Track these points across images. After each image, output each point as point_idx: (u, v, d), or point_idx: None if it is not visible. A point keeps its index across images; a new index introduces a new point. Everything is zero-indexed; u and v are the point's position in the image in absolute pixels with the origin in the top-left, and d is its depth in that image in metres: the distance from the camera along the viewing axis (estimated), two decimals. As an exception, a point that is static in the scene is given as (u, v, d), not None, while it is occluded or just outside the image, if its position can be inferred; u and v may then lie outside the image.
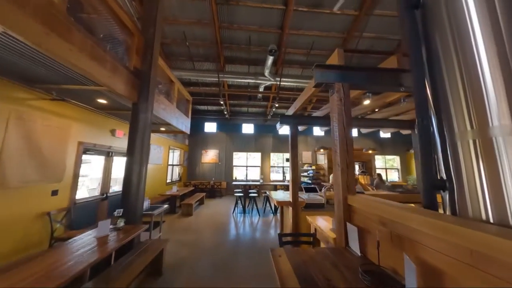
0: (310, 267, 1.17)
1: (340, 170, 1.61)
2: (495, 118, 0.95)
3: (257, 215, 6.04)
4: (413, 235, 0.97)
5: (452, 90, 1.12)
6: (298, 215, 3.21)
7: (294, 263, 1.23)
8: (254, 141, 10.53)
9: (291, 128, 3.50)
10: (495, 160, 0.94)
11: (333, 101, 1.76)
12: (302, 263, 1.24)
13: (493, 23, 0.98)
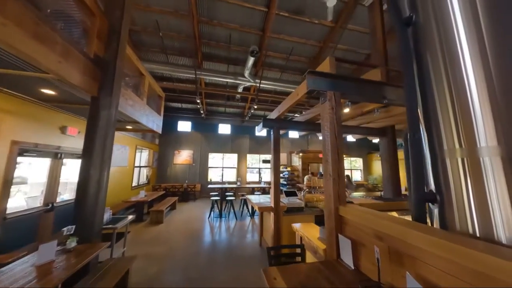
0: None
1: (332, 180, 1.58)
2: (483, 139, 1.00)
3: (234, 218, 5.83)
4: (413, 252, 0.96)
5: (442, 108, 1.16)
6: (279, 221, 3.15)
7: (292, 286, 1.11)
8: (231, 142, 10.25)
9: (273, 131, 3.43)
10: (482, 178, 0.99)
11: (324, 109, 1.73)
12: (300, 284, 1.14)
13: (481, 48, 1.03)
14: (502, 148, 0.94)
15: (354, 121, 3.85)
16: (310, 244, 1.85)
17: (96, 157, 2.38)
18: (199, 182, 9.48)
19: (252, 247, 3.85)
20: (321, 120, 1.78)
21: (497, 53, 0.99)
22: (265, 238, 3.76)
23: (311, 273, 1.28)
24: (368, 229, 1.24)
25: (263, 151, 10.67)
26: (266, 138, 10.81)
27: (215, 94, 8.69)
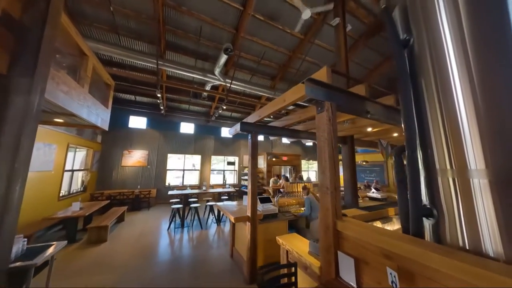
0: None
1: (330, 193, 1.50)
2: (472, 162, 1.09)
3: (198, 227, 5.26)
4: (428, 273, 0.95)
5: (435, 130, 1.24)
6: (256, 231, 2.96)
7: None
8: (194, 142, 9.41)
9: (251, 136, 3.22)
10: (471, 198, 1.07)
11: (321, 120, 1.65)
12: None
13: (470, 79, 1.14)
14: (490, 172, 1.03)
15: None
16: (301, 260, 1.73)
17: (2, 164, 1.57)
18: (155, 187, 8.25)
19: (222, 260, 3.51)
20: (316, 130, 1.70)
21: (484, 84, 1.09)
22: (237, 248, 3.49)
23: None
24: (373, 247, 1.21)
25: (228, 153, 10.29)
26: (232, 139, 10.46)
27: (179, 89, 7.77)
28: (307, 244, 1.91)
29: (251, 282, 2.79)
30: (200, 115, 9.61)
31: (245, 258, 3.04)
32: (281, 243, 2.01)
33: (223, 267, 3.29)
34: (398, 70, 1.40)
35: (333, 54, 6.83)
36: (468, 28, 1.14)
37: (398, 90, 1.40)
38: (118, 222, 5.54)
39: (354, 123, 3.36)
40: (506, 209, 0.97)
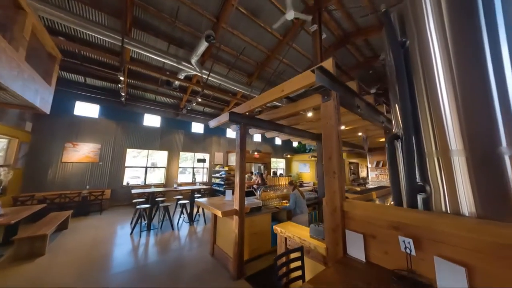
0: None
1: (337, 177, 1.57)
2: (453, 144, 1.33)
3: (168, 228, 4.72)
4: (436, 236, 1.08)
5: (423, 119, 1.45)
6: (243, 224, 2.84)
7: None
8: (160, 137, 8.43)
9: (240, 128, 3.09)
10: (452, 173, 1.31)
11: (327, 108, 1.71)
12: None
13: (452, 76, 1.38)
14: (467, 151, 1.28)
15: (302, 125, 4.30)
16: (303, 244, 1.75)
17: None
18: (109, 187, 6.97)
19: (202, 260, 3.23)
20: (322, 118, 1.75)
21: (462, 82, 1.34)
22: (219, 245, 3.29)
23: (348, 279, 1.16)
24: (380, 221, 1.32)
25: (199, 149, 9.67)
26: (203, 136, 9.88)
27: (145, 75, 6.82)
28: (305, 230, 1.95)
29: (238, 278, 2.67)
30: (169, 107, 8.68)
31: (230, 254, 2.89)
32: (280, 231, 1.99)
33: (204, 266, 3.04)
34: (396, 67, 1.58)
35: (307, 60, 7.35)
36: (450, 35, 1.38)
37: (394, 85, 1.59)
38: (59, 230, 4.41)
39: (332, 120, 3.66)
40: (479, 180, 1.21)
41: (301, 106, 2.94)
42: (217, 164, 10.08)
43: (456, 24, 1.37)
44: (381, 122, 3.00)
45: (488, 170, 1.20)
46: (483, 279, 0.90)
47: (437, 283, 1.01)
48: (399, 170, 1.62)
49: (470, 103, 1.29)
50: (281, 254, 1.51)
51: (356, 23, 5.84)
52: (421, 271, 1.09)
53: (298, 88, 2.04)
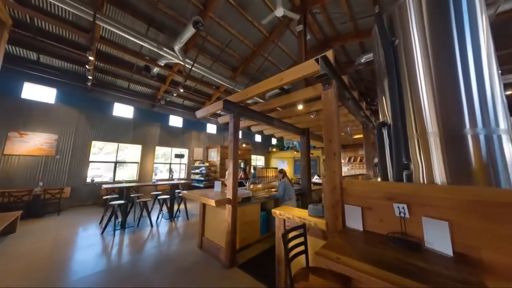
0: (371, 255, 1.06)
1: (337, 158, 1.71)
2: (429, 126, 1.60)
3: (147, 225, 4.35)
4: (422, 201, 1.28)
5: (406, 108, 1.70)
6: (236, 212, 2.82)
7: (358, 258, 1.04)
8: (133, 129, 7.65)
9: (234, 117, 3.04)
10: (428, 151, 1.57)
11: (328, 95, 1.84)
12: (361, 256, 1.09)
13: (430, 73, 1.65)
14: (440, 132, 1.55)
15: (290, 119, 4.48)
16: (304, 223, 1.85)
17: None
18: (69, 185, 6.03)
19: (190, 254, 3.09)
20: (323, 104, 1.87)
21: (438, 77, 1.61)
22: (208, 237, 3.19)
23: (353, 243, 1.29)
24: (376, 194, 1.49)
25: (177, 144, 9.12)
26: (182, 130, 9.34)
27: (117, 59, 6.10)
28: (302, 211, 2.06)
29: (231, 266, 2.65)
30: (144, 97, 7.94)
31: (222, 244, 2.85)
32: (279, 213, 2.06)
33: (194, 259, 2.92)
34: (386, 63, 1.80)
35: (290, 60, 7.63)
36: (429, 36, 1.65)
37: (383, 80, 1.82)
38: (4, 234, 3.64)
39: (318, 115, 3.91)
40: (449, 155, 1.48)
41: (294, 98, 3.07)
42: (196, 160, 9.68)
43: (433, 26, 1.64)
44: (362, 116, 3.34)
45: (456, 147, 1.47)
46: (460, 230, 1.12)
47: (425, 238, 1.21)
48: (385, 152, 1.86)
49: (443, 94, 1.57)
50: (290, 229, 1.58)
51: (336, 28, 6.32)
52: (412, 232, 1.28)
53: (298, 77, 2.13)
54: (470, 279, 0.89)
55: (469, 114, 1.45)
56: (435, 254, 1.11)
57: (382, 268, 0.95)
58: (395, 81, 1.73)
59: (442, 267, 0.98)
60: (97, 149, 7.55)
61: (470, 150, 1.42)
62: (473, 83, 1.46)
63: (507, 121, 1.41)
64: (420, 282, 0.85)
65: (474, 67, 1.47)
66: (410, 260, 1.04)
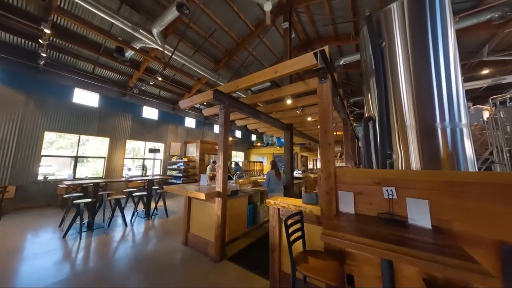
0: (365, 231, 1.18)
1: (331, 148, 1.82)
2: (408, 120, 1.83)
3: (120, 225, 3.94)
4: (406, 184, 1.47)
5: (390, 104, 1.91)
6: (226, 205, 2.76)
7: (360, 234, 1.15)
8: (99, 119, 6.76)
9: (224, 108, 2.94)
10: (407, 142, 1.80)
11: (324, 89, 1.92)
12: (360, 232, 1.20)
13: (410, 71, 1.87)
14: (416, 125, 1.79)
15: (275, 114, 4.56)
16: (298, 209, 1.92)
17: None
18: (14, 183, 5.03)
19: (175, 251, 2.93)
20: (319, 97, 1.95)
21: (416, 76, 1.85)
22: (194, 232, 3.06)
23: (350, 225, 1.39)
24: (366, 180, 1.64)
25: (152, 138, 8.40)
26: (157, 122, 8.64)
27: (80, 36, 5.26)
28: (295, 200, 2.15)
29: (221, 259, 2.60)
30: (113, 84, 7.04)
31: (210, 238, 2.77)
32: (273, 203, 2.09)
33: (180, 256, 2.78)
34: (374, 63, 1.98)
35: (273, 57, 7.71)
36: (410, 41, 1.87)
37: (369, 78, 2.00)
38: None
39: (303, 111, 4.08)
40: (423, 145, 1.73)
41: (284, 92, 3.13)
42: (173, 155, 9.10)
43: (413, 33, 1.87)
44: (344, 113, 3.60)
45: (428, 138, 1.73)
46: (438, 207, 1.32)
47: (408, 216, 1.39)
48: (370, 144, 2.06)
49: (420, 92, 1.81)
50: (291, 215, 1.63)
51: (317, 30, 6.63)
52: (397, 212, 1.46)
53: (293, 70, 2.18)
54: (448, 243, 1.06)
55: (440, 109, 1.71)
56: (417, 228, 1.29)
57: (380, 241, 1.06)
58: (382, 79, 1.92)
59: (426, 237, 1.15)
60: (51, 141, 6.44)
61: (439, 141, 1.68)
62: (443, 83, 1.73)
63: (467, 117, 1.71)
64: (412, 248, 0.98)
65: (444, 69, 1.74)
66: (400, 233, 1.19)
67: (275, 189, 3.74)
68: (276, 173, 3.75)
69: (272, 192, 3.71)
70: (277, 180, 3.74)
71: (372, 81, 2.13)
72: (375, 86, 1.97)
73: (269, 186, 3.70)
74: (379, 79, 1.93)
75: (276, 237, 2.08)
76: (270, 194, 3.68)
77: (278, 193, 3.68)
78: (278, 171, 3.80)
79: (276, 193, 3.65)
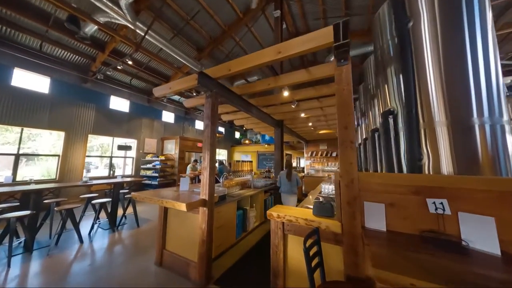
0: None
1: (352, 148, 1.42)
2: (437, 115, 1.52)
3: (75, 242, 3.09)
4: (456, 194, 1.14)
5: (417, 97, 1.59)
6: (213, 216, 2.22)
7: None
8: (50, 109, 5.48)
9: (211, 96, 2.36)
10: (435, 140, 1.50)
11: (344, 73, 1.51)
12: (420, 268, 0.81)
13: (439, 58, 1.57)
14: (448, 121, 1.49)
15: (268, 108, 4.11)
16: (312, 226, 1.50)
17: None
18: None
19: (146, 274, 2.29)
20: (337, 83, 1.54)
21: (448, 66, 1.55)
22: (171, 250, 2.46)
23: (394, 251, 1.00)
24: (399, 188, 1.29)
25: (121, 133, 7.25)
26: (128, 115, 7.49)
27: (21, 2, 4.07)
28: (303, 211, 1.73)
29: (207, 283, 2.07)
30: (70, 67, 5.76)
31: (192, 257, 2.22)
32: (276, 215, 1.64)
33: (152, 280, 2.16)
34: (401, 46, 1.63)
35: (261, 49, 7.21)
36: (440, 21, 1.56)
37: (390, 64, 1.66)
38: None
39: (298, 106, 3.70)
40: (458, 145, 1.44)
41: (282, 81, 2.69)
42: (148, 153, 8.05)
43: (444, 11, 1.56)
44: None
45: (464, 136, 1.44)
46: (504, 227, 1.00)
47: (462, 237, 1.06)
48: (391, 142, 1.73)
49: (452, 82, 1.50)
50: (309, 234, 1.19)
51: (308, 24, 6.33)
52: (444, 230, 1.12)
53: (302, 50, 1.74)
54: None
55: (477, 102, 1.43)
56: (482, 254, 0.96)
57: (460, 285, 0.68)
58: (410, 64, 1.58)
59: (499, 271, 0.81)
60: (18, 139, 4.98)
61: (477, 140, 1.40)
62: (481, 72, 1.45)
63: (508, 112, 1.47)
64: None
65: (482, 56, 1.46)
66: (470, 267, 0.84)
67: (286, 191, 3.45)
68: (287, 174, 3.42)
69: (283, 193, 3.51)
70: (287, 181, 3.40)
71: (391, 70, 1.80)
72: (400, 74, 1.63)
73: (281, 188, 3.53)
74: (406, 63, 1.60)
75: (280, 259, 1.63)
76: (282, 195, 3.53)
77: (290, 196, 3.40)
78: (291, 171, 3.43)
79: (287, 196, 3.43)
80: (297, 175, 3.48)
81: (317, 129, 6.38)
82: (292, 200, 3.38)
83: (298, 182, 3.42)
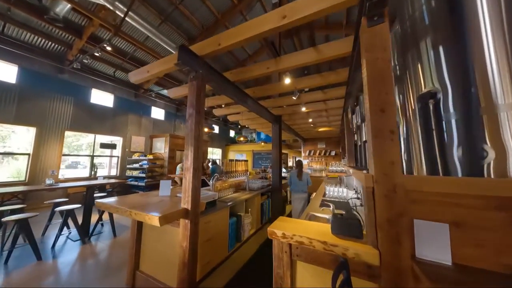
0: None
1: (393, 140, 0.98)
2: (499, 97, 1.10)
3: (31, 259, 2.52)
4: None
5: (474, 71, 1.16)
6: (198, 229, 1.73)
7: None
8: (18, 101, 4.79)
9: (196, 78, 1.87)
10: (499, 131, 1.07)
11: (379, 35, 1.06)
12: None
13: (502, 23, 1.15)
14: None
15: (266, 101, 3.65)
16: (333, 252, 1.05)
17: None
18: None
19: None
20: (367, 51, 1.08)
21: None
22: (146, 271, 1.95)
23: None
24: (473, 201, 0.85)
25: (104, 130, 6.59)
26: (111, 110, 6.82)
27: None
28: (318, 226, 1.27)
29: (188, 319, 1.59)
30: (41, 55, 5.06)
31: (170, 282, 1.72)
32: (280, 234, 1.18)
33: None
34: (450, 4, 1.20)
35: (258, 42, 6.74)
36: None
37: (426, 34, 1.23)
38: None
39: (299, 98, 3.26)
40: None
41: (284, 63, 2.22)
42: (135, 152, 7.41)
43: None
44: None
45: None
46: None
47: None
48: (432, 135, 1.30)
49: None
50: (336, 270, 0.73)
51: (307, 15, 5.90)
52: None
53: (317, 10, 1.28)
54: None
55: None
56: None
57: None
58: (460, 29, 1.15)
59: None
60: None
61: None
62: None
63: None
64: None
65: None
66: None
67: (297, 190, 3.51)
68: (298, 173, 3.46)
69: (294, 192, 3.56)
70: (297, 180, 3.46)
71: (426, 43, 1.37)
72: (443, 44, 1.20)
73: (291, 187, 3.59)
74: (456, 28, 1.17)
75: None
76: (292, 194, 3.57)
77: (300, 194, 3.45)
78: (301, 170, 3.50)
79: (297, 194, 3.46)
80: (308, 175, 3.56)
81: (317, 126, 5.98)
82: (302, 198, 3.46)
83: (308, 181, 3.51)
